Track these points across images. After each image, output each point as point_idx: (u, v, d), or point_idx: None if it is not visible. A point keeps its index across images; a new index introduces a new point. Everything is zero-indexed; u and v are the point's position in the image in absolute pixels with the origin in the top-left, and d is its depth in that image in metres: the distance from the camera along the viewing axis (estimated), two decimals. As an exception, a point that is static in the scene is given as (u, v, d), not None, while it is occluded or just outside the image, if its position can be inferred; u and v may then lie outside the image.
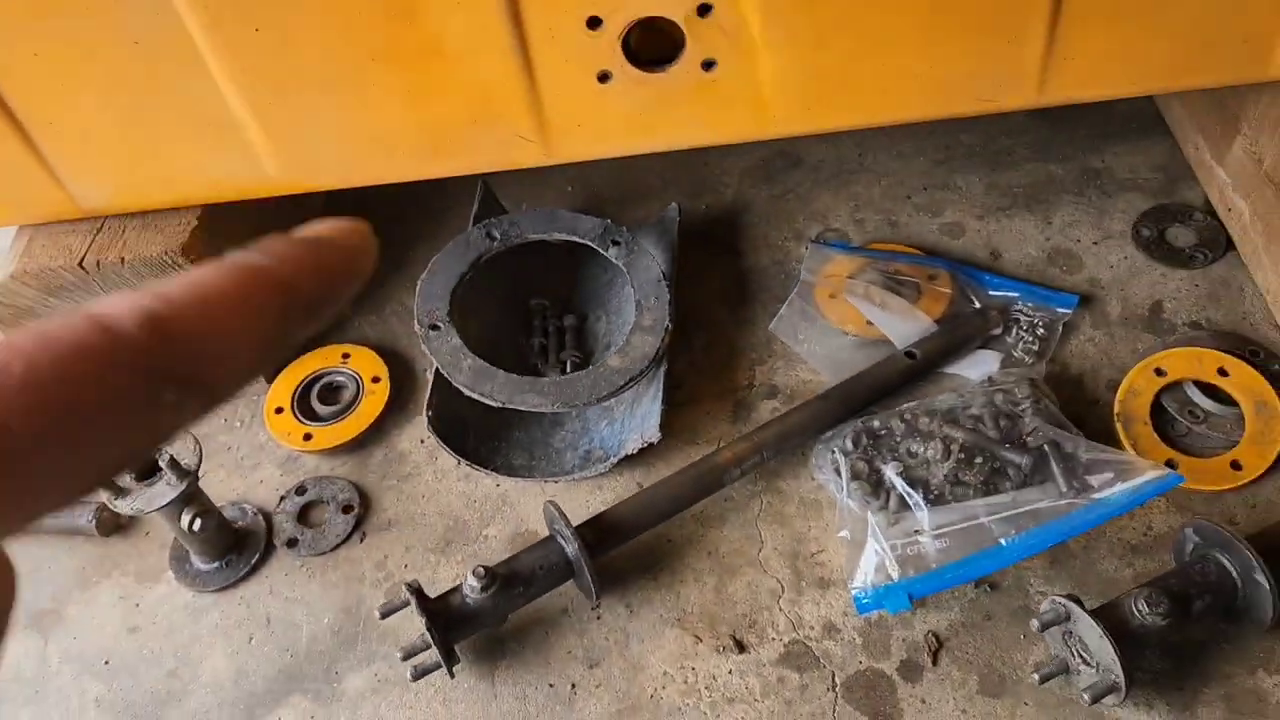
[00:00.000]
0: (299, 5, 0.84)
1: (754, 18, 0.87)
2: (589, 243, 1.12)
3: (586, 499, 1.04)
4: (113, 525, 1.06)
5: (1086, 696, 0.80)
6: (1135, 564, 0.93)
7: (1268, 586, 0.81)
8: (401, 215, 1.32)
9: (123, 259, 0.98)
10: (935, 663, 0.90)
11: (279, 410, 1.12)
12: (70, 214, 0.99)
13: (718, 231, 1.26)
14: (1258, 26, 0.90)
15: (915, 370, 1.06)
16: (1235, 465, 0.96)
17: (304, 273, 0.23)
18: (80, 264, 0.98)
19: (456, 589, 0.91)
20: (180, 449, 0.92)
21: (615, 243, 1.11)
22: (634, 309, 1.07)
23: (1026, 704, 0.87)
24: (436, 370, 1.04)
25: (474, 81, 0.91)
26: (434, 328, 1.04)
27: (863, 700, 0.89)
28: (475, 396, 1.00)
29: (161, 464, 0.89)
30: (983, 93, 0.95)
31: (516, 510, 1.05)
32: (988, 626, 0.92)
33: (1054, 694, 0.86)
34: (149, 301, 0.20)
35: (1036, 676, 0.84)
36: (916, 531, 0.93)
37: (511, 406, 1.00)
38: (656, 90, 0.92)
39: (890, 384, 1.05)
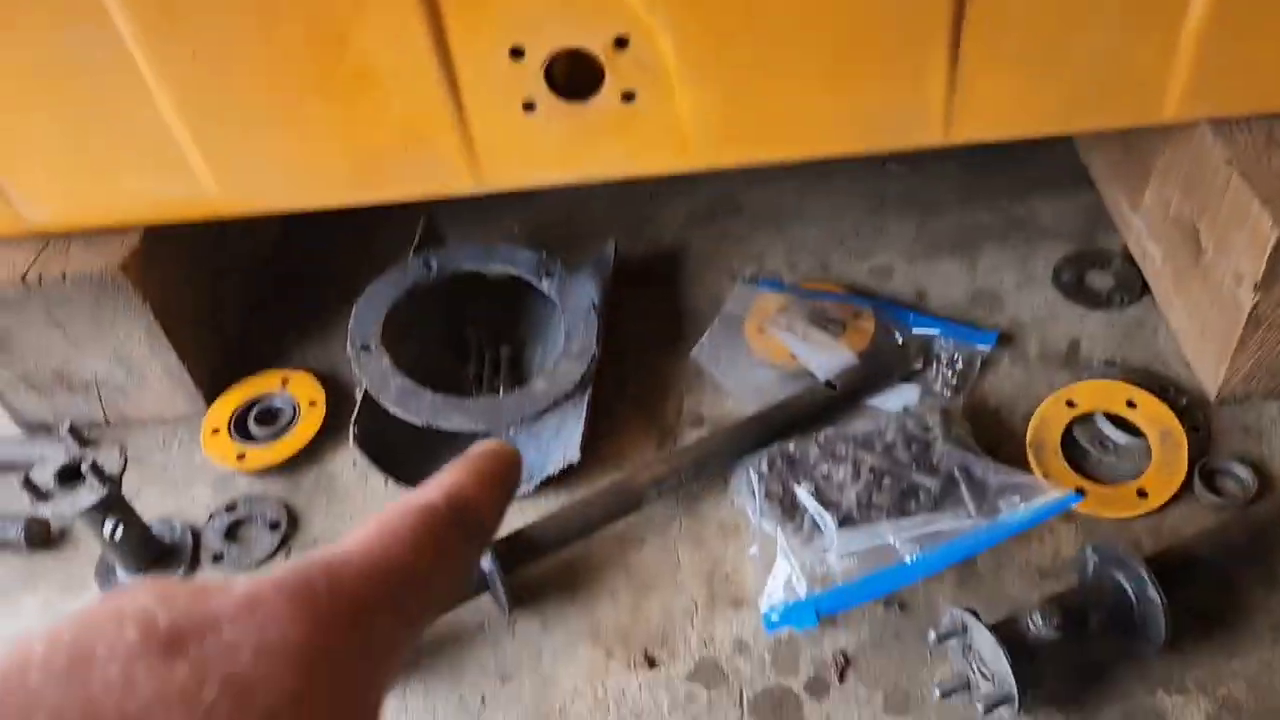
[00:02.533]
0: (233, 35, 0.89)
1: (669, 53, 0.91)
2: (522, 274, 1.15)
3: (510, 520, 1.05)
4: (41, 539, 1.07)
5: (980, 707, 0.81)
6: (1043, 587, 0.95)
7: (1160, 603, 0.83)
8: (354, 247, 1.36)
9: (64, 274, 1.01)
10: (842, 680, 0.91)
11: (215, 431, 1.14)
12: (16, 231, 1.02)
13: (656, 270, 1.30)
14: (1148, 73, 0.95)
15: (835, 400, 1.08)
16: (1141, 493, 0.98)
17: (501, 470, 0.34)
18: (23, 279, 1.01)
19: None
20: (104, 456, 0.93)
21: (549, 275, 1.15)
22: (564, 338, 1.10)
23: (929, 721, 0.88)
24: (365, 390, 1.06)
25: (404, 111, 0.95)
26: (365, 349, 1.07)
27: (769, 716, 0.89)
28: (401, 415, 1.02)
29: (84, 469, 0.91)
30: (894, 130, 0.99)
31: (442, 531, 1.06)
32: (896, 645, 0.93)
33: (957, 711, 0.87)
34: (444, 488, 0.31)
35: (938, 692, 0.85)
36: (825, 551, 0.94)
37: (436, 425, 1.02)
38: (580, 121, 0.96)
39: (810, 412, 1.07)
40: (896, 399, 1.10)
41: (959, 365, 1.12)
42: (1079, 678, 0.88)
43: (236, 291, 1.28)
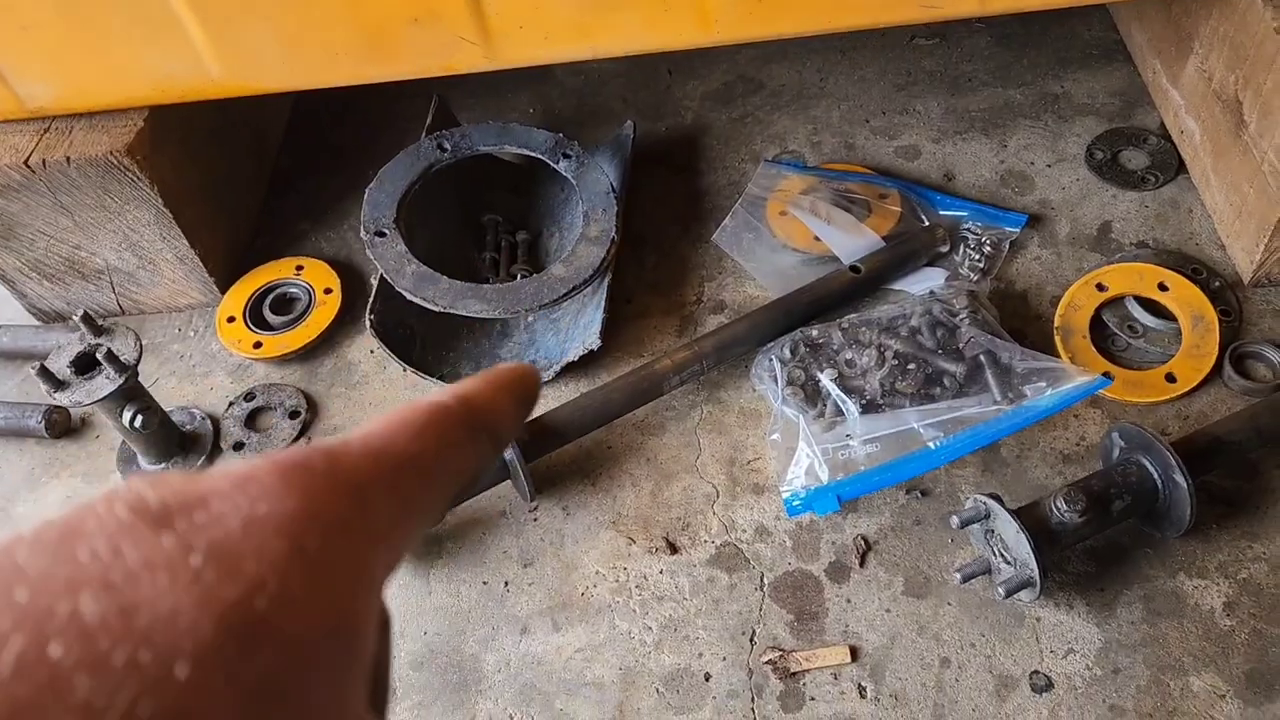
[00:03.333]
0: (233, -104, 0.84)
1: (691, -84, 0.86)
2: (539, 155, 1.12)
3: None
4: (63, 427, 1.07)
5: (1001, 590, 0.82)
6: (1066, 472, 0.94)
7: (1186, 488, 0.82)
8: (366, 131, 1.32)
9: (68, 158, 0.98)
10: (863, 565, 0.91)
11: (231, 319, 1.13)
12: (16, 113, 1.00)
13: (676, 152, 1.26)
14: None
15: (860, 285, 1.06)
16: (1170, 378, 0.97)
17: (519, 384, 0.33)
18: (26, 163, 0.99)
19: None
20: (120, 344, 0.93)
21: (566, 156, 1.11)
22: (582, 221, 1.07)
23: (949, 604, 0.88)
24: (381, 277, 1.04)
25: (414, -19, 0.91)
26: (379, 234, 1.04)
27: (789, 599, 0.90)
28: (417, 301, 1.01)
29: (99, 358, 0.90)
30: None
31: (461, 418, 1.05)
32: (917, 531, 0.93)
33: (977, 595, 0.87)
34: (456, 391, 0.30)
35: (959, 576, 0.86)
36: (848, 437, 0.94)
37: (453, 311, 1.01)
38: (597, -8, 0.92)
39: (834, 297, 1.05)
40: (923, 283, 1.08)
41: (987, 248, 1.09)
42: (1100, 561, 0.89)
43: (248, 177, 1.25)
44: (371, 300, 1.05)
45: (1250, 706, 0.80)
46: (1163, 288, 1.01)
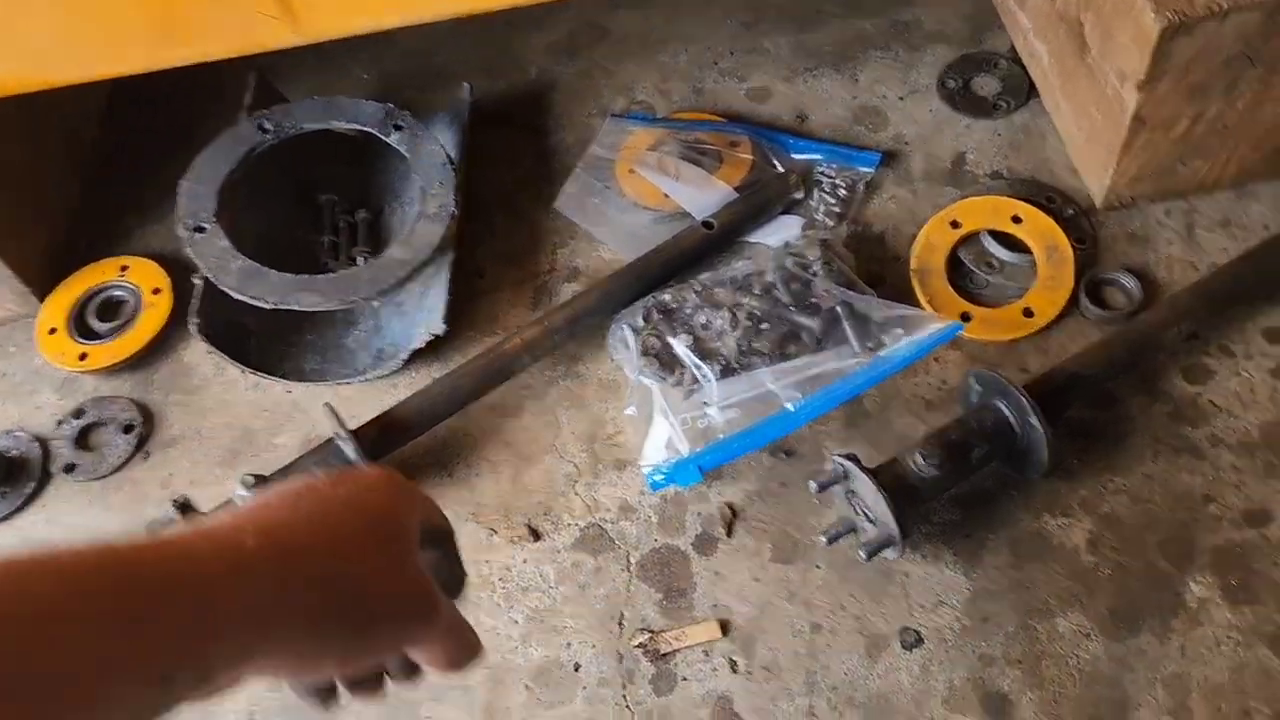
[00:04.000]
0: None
1: None
2: (369, 129, 1.05)
3: (383, 398, 1.00)
4: (-127, 466, 0.99)
5: (863, 553, 0.80)
6: (930, 419, 0.92)
7: (1041, 430, 0.81)
8: (190, 117, 1.23)
9: None
10: (730, 534, 0.89)
11: (53, 331, 1.05)
12: None
13: (521, 111, 1.20)
14: None
15: (714, 240, 1.02)
16: (1027, 312, 0.95)
17: None
18: None
19: (229, 500, 0.87)
20: (-89, 378, 0.85)
21: (398, 128, 1.05)
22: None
23: (818, 566, 0.87)
24: (205, 276, 0.97)
25: (196, -46, 0.83)
26: (199, 230, 0.97)
27: (657, 577, 0.88)
28: (245, 299, 0.94)
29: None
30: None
31: (310, 415, 1.00)
32: (783, 494, 0.91)
33: (845, 555, 0.86)
34: None
35: (824, 539, 0.84)
36: (705, 404, 0.91)
37: (285, 307, 0.94)
38: (399, -48, 0.85)
39: (687, 256, 1.01)
40: (779, 233, 1.04)
41: (841, 191, 1.06)
42: (966, 508, 0.87)
43: (60, 173, 1.16)
44: (199, 302, 0.98)
45: (1115, 642, 0.80)
46: (1016, 220, 0.99)
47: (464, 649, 0.47)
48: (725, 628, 0.84)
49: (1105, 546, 0.85)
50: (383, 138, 1.05)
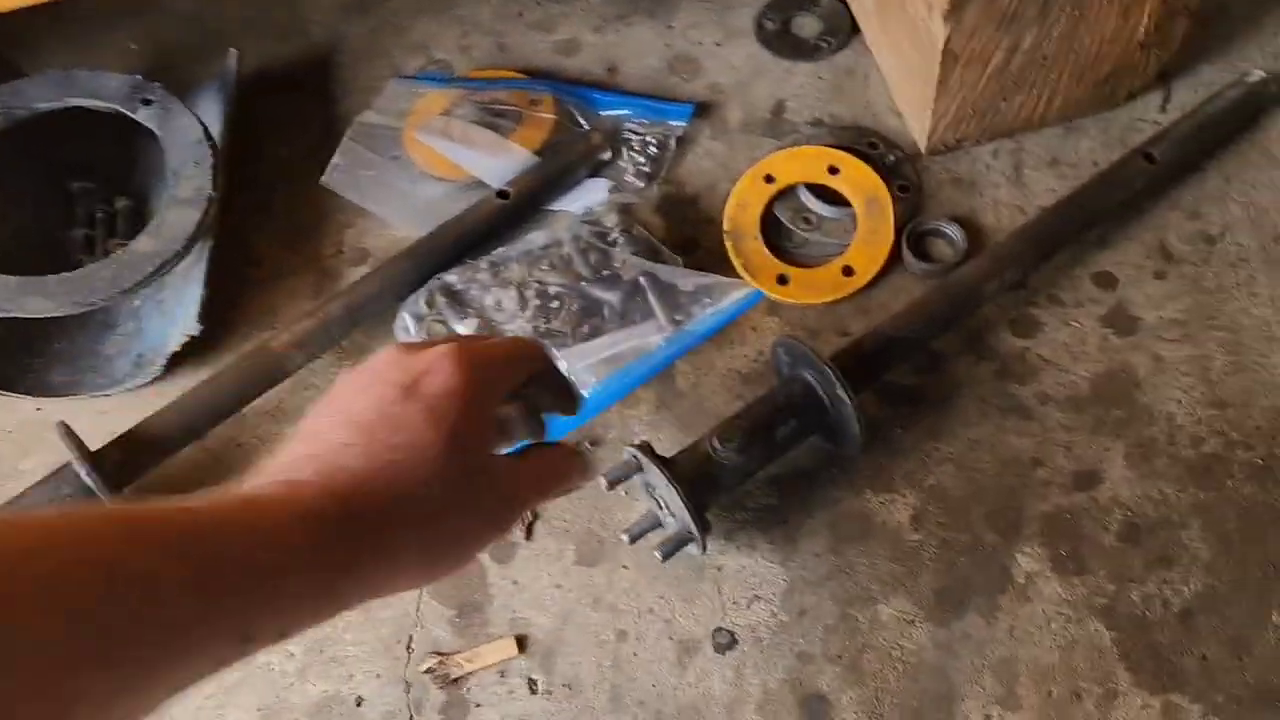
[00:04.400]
0: None
1: None
2: (114, 105, 0.93)
3: (145, 410, 0.89)
4: None
5: (659, 554, 0.72)
6: (746, 393, 0.85)
7: (849, 403, 0.73)
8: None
9: None
10: (529, 537, 0.80)
11: None
12: None
13: (305, 77, 1.08)
14: None
15: (511, 211, 0.93)
16: (848, 270, 0.88)
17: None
18: None
19: None
20: None
21: (146, 102, 0.93)
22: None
23: (625, 567, 0.79)
24: (-83, 284, 0.85)
25: None
26: (-95, 233, 0.84)
27: (449, 593, 0.79)
28: (-40, 310, 0.82)
29: None
30: None
31: (62, 435, 0.89)
32: (588, 490, 0.82)
33: (652, 552, 0.78)
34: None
35: (627, 537, 0.76)
36: (494, 395, 0.81)
37: (10, 315, 0.82)
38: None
39: (481, 231, 0.92)
40: (585, 198, 0.95)
41: (651, 148, 0.97)
42: (782, 491, 0.80)
43: None
44: (-88, 315, 0.86)
45: (940, 628, 0.74)
46: (833, 171, 0.91)
47: (565, 480, 0.53)
48: (523, 644, 0.76)
49: (930, 522, 0.78)
50: (128, 114, 0.92)
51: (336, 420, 0.45)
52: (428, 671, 0.75)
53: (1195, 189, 0.91)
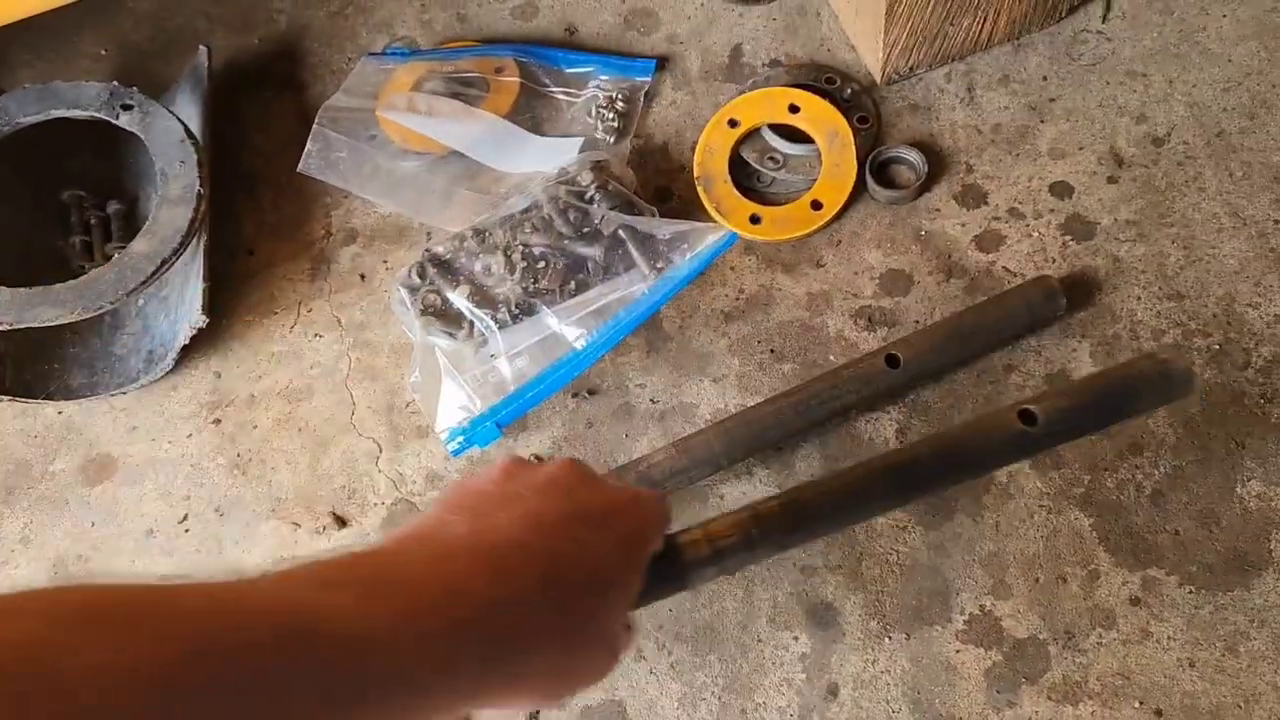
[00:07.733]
0: None
1: None
2: (95, 114, 0.96)
3: (161, 405, 0.93)
4: None
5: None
6: (730, 332, 0.89)
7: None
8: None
9: None
10: (540, 486, 0.85)
11: None
12: None
13: (275, 67, 1.11)
14: None
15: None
16: (816, 205, 0.92)
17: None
18: None
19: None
20: None
21: (126, 107, 0.95)
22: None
23: (633, 504, 0.84)
24: (-70, 305, 0.88)
25: None
26: (-88, 257, 0.88)
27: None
28: (-25, 325, 0.86)
29: None
30: None
31: (86, 435, 0.93)
32: (591, 435, 0.87)
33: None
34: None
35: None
36: (493, 356, 0.86)
37: (23, 325, 0.86)
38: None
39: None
40: (557, 159, 0.98)
41: (620, 104, 1.00)
42: (774, 419, 0.85)
43: None
44: (-72, 334, 0.89)
45: (931, 530, 0.80)
46: (794, 109, 0.95)
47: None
48: (545, 584, 0.81)
49: (914, 435, 0.83)
50: (110, 120, 0.95)
51: (499, 529, 0.45)
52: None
53: (1141, 94, 0.95)
